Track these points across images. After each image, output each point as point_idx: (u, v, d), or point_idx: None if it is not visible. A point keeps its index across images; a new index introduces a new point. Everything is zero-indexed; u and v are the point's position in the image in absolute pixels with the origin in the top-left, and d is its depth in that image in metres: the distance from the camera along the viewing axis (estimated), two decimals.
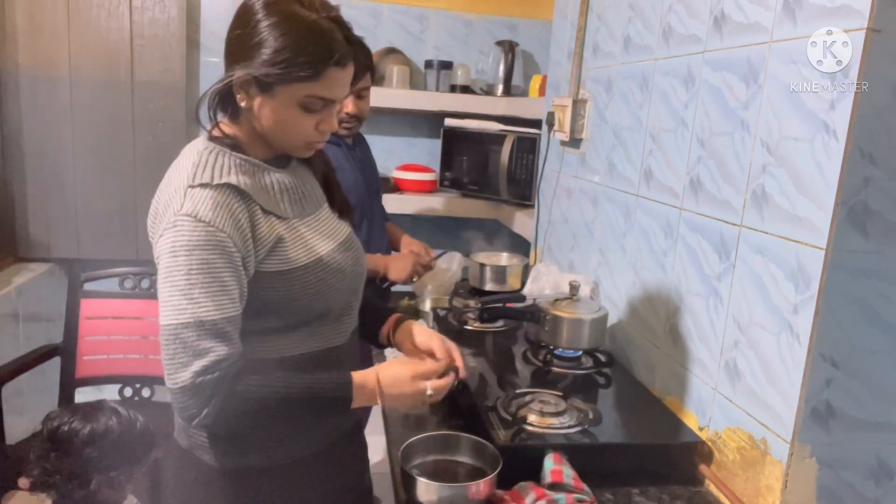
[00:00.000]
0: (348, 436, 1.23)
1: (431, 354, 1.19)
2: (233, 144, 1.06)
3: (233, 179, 1.01)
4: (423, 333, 1.24)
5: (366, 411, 1.27)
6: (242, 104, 1.03)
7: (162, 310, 0.97)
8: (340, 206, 1.23)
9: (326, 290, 1.08)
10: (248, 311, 1.02)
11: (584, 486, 1.09)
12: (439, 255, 2.19)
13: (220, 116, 1.07)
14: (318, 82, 1.00)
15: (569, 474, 1.09)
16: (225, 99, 1.05)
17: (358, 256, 1.19)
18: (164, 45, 2.71)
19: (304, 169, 1.19)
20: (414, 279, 2.03)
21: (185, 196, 0.97)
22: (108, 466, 1.51)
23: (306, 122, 1.04)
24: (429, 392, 1.08)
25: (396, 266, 1.99)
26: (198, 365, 0.95)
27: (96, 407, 1.58)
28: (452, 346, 1.21)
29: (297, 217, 1.10)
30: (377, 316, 1.31)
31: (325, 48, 0.99)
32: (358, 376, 1.06)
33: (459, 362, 1.18)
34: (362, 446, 1.32)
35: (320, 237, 1.12)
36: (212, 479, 1.10)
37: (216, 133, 1.07)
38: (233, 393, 0.97)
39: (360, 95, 1.93)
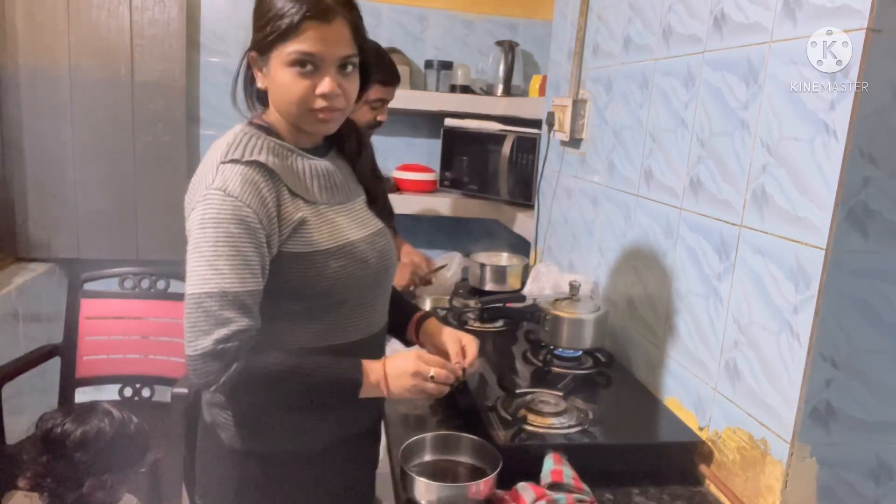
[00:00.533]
0: (363, 434, 1.24)
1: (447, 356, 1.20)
2: (269, 129, 1.11)
3: (262, 158, 1.05)
4: (446, 336, 1.24)
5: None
6: (259, 85, 1.10)
7: (188, 279, 1.01)
8: (382, 208, 1.26)
9: (346, 277, 1.10)
10: (269, 292, 1.04)
11: (584, 486, 1.09)
12: (439, 269, 2.19)
13: (258, 107, 1.15)
14: (298, 37, 1.02)
15: (569, 474, 1.09)
16: (252, 84, 1.12)
17: (385, 251, 1.19)
18: (164, 45, 2.71)
19: (343, 164, 1.22)
20: (411, 289, 2.03)
21: (217, 171, 1.02)
22: (101, 469, 1.50)
23: (301, 84, 1.05)
24: (431, 374, 1.08)
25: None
26: (219, 333, 0.98)
27: (89, 409, 1.57)
28: (469, 341, 1.21)
29: (326, 204, 1.13)
30: (403, 312, 1.32)
31: (300, 2, 1.02)
32: (367, 363, 1.08)
33: (470, 359, 1.18)
34: (376, 442, 1.33)
35: (347, 225, 1.14)
36: (225, 457, 1.15)
37: (256, 120, 1.13)
38: (250, 364, 1.00)
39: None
